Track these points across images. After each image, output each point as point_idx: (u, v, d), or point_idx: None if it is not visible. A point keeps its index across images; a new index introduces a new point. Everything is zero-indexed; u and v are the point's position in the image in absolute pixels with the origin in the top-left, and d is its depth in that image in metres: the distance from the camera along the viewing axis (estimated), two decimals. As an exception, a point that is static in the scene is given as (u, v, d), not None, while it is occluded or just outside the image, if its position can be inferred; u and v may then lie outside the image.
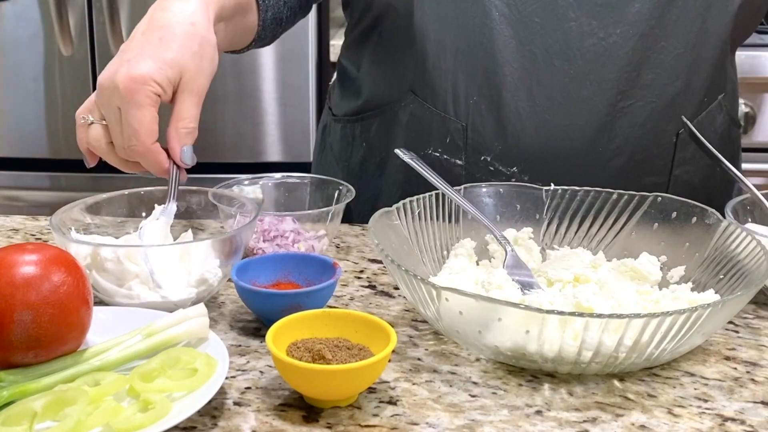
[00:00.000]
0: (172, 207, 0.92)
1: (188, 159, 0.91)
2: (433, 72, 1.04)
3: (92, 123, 0.87)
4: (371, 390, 0.73)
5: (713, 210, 0.90)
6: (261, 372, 0.76)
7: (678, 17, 1.01)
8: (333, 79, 1.23)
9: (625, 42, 1.00)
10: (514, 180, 1.04)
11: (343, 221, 1.14)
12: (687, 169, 1.08)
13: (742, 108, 2.01)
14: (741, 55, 1.99)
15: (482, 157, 1.04)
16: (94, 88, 0.88)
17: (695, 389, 0.75)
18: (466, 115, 1.04)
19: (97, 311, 0.76)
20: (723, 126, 1.11)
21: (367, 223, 1.13)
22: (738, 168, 1.18)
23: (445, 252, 0.93)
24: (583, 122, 1.02)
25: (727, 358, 0.80)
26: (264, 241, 0.97)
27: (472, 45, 1.01)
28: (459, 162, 1.05)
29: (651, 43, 1.01)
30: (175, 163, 0.89)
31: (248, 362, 0.78)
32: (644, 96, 1.02)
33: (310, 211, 1.02)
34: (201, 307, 0.76)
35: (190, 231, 0.95)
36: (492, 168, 1.04)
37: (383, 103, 1.11)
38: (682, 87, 1.03)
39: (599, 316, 0.70)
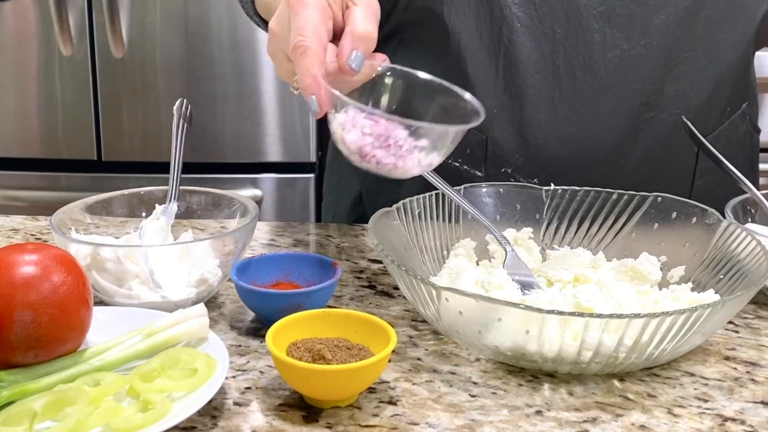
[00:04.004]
0: (172, 207, 0.93)
1: (356, 63, 0.77)
2: (454, 82, 1.03)
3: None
4: (371, 390, 0.73)
5: (713, 210, 0.90)
6: (261, 372, 0.76)
7: (703, 28, 1.00)
8: None
9: (649, 53, 0.99)
10: None
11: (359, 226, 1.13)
12: (709, 179, 1.07)
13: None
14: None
15: (503, 169, 1.03)
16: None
17: (695, 389, 0.75)
18: (487, 126, 1.02)
19: (97, 311, 0.76)
20: (746, 134, 1.11)
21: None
22: (756, 171, 1.17)
23: (445, 252, 0.93)
24: (605, 134, 1.01)
25: (727, 358, 0.80)
26: (380, 148, 0.78)
27: (494, 56, 1.01)
28: (479, 173, 1.04)
29: (675, 55, 1.00)
30: (338, 64, 0.78)
31: (248, 362, 0.78)
32: (668, 108, 1.01)
33: (433, 125, 0.78)
34: (201, 307, 0.76)
35: (190, 231, 0.95)
36: (513, 180, 1.03)
37: None
38: (706, 98, 1.03)
39: (599, 316, 0.70)
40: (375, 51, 1.08)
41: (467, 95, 0.80)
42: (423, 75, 0.82)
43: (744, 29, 1.02)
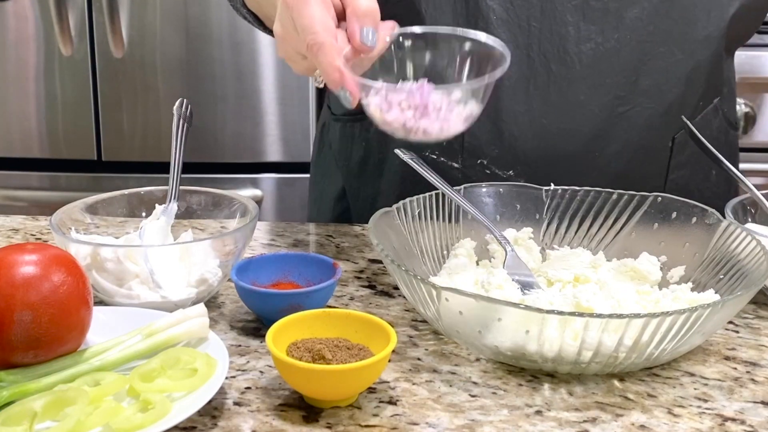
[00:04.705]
0: (172, 207, 0.93)
1: (369, 40, 0.78)
2: None
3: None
4: (371, 390, 0.73)
5: (713, 210, 0.90)
6: (261, 372, 0.76)
7: (677, 23, 1.01)
8: None
9: (623, 47, 1.00)
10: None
11: (340, 221, 1.13)
12: (683, 173, 1.08)
13: (742, 108, 2.01)
14: (741, 55, 1.98)
15: (479, 161, 1.04)
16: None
17: (695, 389, 0.75)
18: None
19: (97, 311, 0.76)
20: (720, 129, 1.11)
21: (365, 222, 1.14)
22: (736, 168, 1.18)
23: (445, 252, 0.93)
24: (580, 127, 1.02)
25: (727, 358, 0.80)
26: (422, 117, 0.79)
27: None
28: (456, 165, 1.05)
29: (649, 49, 1.01)
30: (353, 46, 0.78)
31: (248, 362, 0.78)
32: (642, 102, 1.02)
33: (465, 83, 0.80)
34: (201, 307, 0.76)
35: (190, 231, 0.95)
36: (488, 171, 1.04)
37: None
38: (680, 93, 1.03)
39: (599, 316, 0.70)
40: None
41: (491, 39, 0.81)
42: (440, 29, 0.83)
43: (717, 24, 1.03)
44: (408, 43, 0.83)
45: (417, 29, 0.83)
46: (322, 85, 0.83)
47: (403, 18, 1.03)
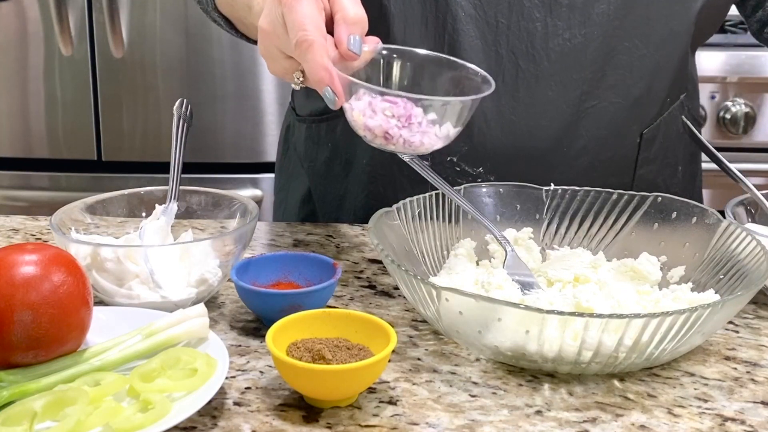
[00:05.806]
0: (172, 207, 0.93)
1: (356, 47, 0.79)
2: None
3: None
4: (371, 390, 0.73)
5: (713, 210, 0.90)
6: (261, 372, 0.76)
7: (642, 18, 1.01)
8: None
9: (590, 43, 1.00)
10: (479, 180, 1.03)
11: (306, 222, 1.13)
12: (651, 168, 1.09)
13: (742, 108, 2.01)
14: (741, 55, 2.00)
15: (448, 158, 1.04)
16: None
17: (695, 389, 0.75)
18: None
19: (97, 311, 0.77)
20: (685, 125, 1.12)
21: (332, 224, 1.14)
22: (697, 164, 1.18)
23: (445, 252, 0.93)
24: (548, 122, 1.02)
25: (727, 358, 0.80)
26: (404, 128, 0.80)
27: (438, 46, 1.01)
28: (426, 161, 1.05)
29: (615, 44, 1.01)
30: (340, 52, 0.79)
31: (248, 362, 0.78)
32: (608, 97, 1.03)
33: (450, 98, 0.82)
34: (201, 307, 0.76)
35: (190, 231, 0.95)
36: (458, 168, 1.04)
37: None
38: (645, 88, 1.04)
39: (599, 316, 0.70)
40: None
41: (474, 66, 0.83)
42: (423, 52, 0.85)
43: (682, 20, 1.03)
44: (397, 60, 0.86)
45: (404, 48, 0.85)
46: (299, 87, 0.83)
47: (368, 11, 1.04)
